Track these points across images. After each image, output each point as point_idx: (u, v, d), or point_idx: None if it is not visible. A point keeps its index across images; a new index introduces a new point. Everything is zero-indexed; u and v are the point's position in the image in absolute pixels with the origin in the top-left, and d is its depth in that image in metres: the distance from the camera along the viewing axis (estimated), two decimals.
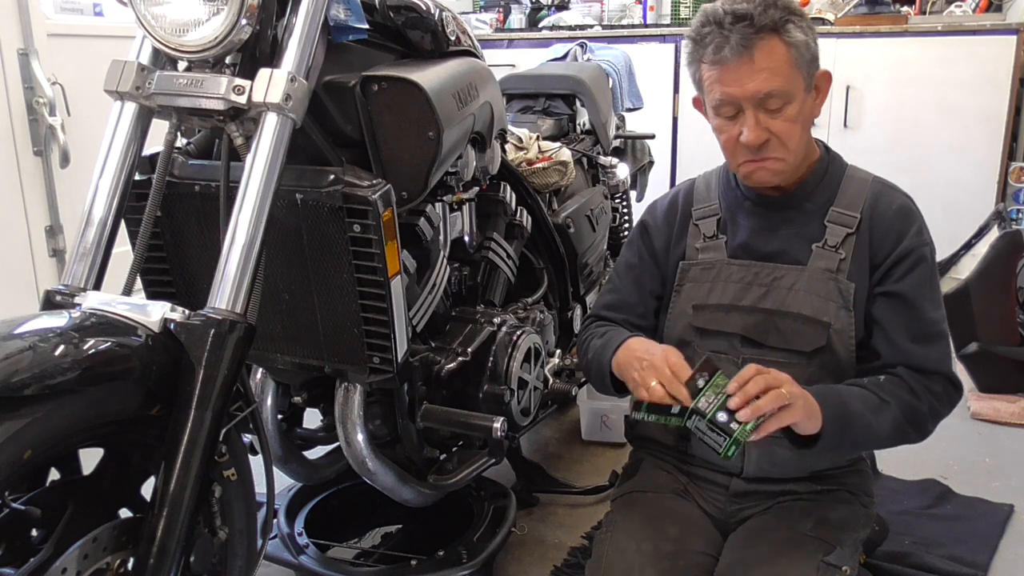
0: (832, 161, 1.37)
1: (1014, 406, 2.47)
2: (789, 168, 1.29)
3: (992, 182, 3.23)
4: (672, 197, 1.48)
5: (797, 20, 1.21)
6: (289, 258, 1.31)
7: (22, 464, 0.86)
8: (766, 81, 1.20)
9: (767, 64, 1.20)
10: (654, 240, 1.46)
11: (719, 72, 1.22)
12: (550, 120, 2.24)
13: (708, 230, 1.40)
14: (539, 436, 2.38)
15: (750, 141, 1.23)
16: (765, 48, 1.19)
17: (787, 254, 1.34)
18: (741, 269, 1.36)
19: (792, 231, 1.34)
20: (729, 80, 1.22)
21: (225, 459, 1.10)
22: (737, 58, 1.20)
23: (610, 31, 4.09)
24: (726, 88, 1.23)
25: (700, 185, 1.46)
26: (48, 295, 1.11)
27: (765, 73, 1.20)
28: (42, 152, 2.19)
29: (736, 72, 1.21)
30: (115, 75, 1.15)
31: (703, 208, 1.42)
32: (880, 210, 1.31)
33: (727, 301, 1.36)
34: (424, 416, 1.48)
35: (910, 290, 1.29)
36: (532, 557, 1.82)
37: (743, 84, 1.21)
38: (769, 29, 1.19)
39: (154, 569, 0.97)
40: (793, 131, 1.25)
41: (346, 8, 1.25)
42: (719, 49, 1.21)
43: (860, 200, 1.32)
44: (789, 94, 1.22)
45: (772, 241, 1.35)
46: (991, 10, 3.61)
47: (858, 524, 1.37)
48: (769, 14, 1.19)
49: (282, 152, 1.11)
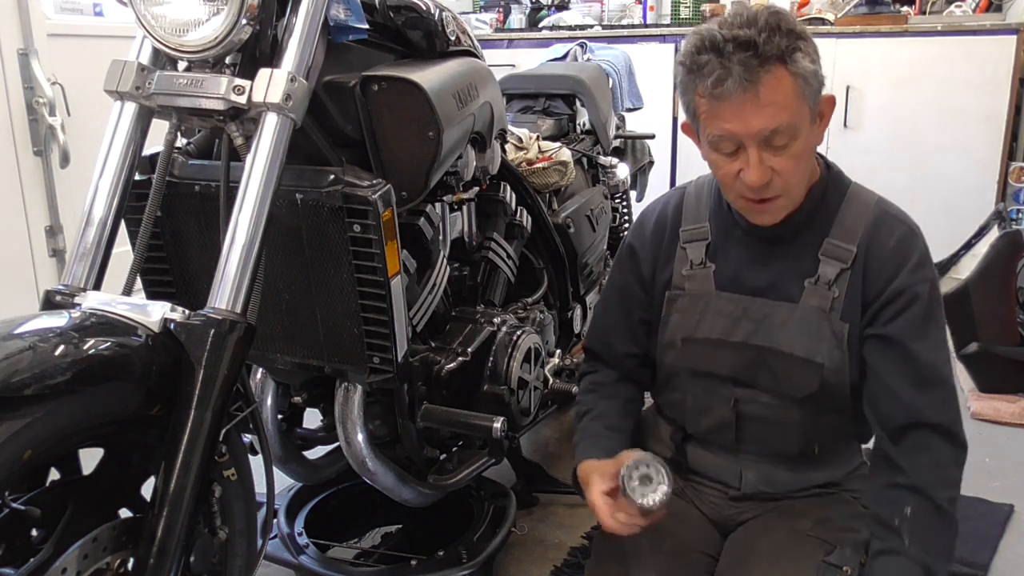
0: (832, 182, 1.26)
1: (1014, 406, 2.47)
2: (792, 205, 1.21)
3: (992, 182, 3.23)
4: (660, 214, 1.39)
5: (804, 46, 1.10)
6: (289, 258, 1.31)
7: (22, 464, 0.86)
8: (772, 118, 1.09)
9: (773, 99, 1.08)
10: (642, 265, 1.38)
11: (719, 107, 1.10)
12: (550, 120, 2.24)
13: (696, 256, 1.32)
14: (539, 436, 2.38)
15: (753, 182, 1.13)
16: (771, 81, 1.07)
17: (778, 289, 1.26)
18: (730, 303, 1.29)
19: (784, 265, 1.25)
20: (730, 116, 1.10)
21: (225, 459, 1.10)
22: (741, 93, 1.07)
23: (610, 31, 4.09)
24: (727, 125, 1.11)
25: (691, 198, 1.36)
26: (48, 295, 1.11)
27: (771, 109, 1.08)
28: (42, 152, 2.19)
29: (739, 108, 1.09)
30: (115, 75, 1.15)
31: (692, 230, 1.33)
32: (878, 244, 1.21)
33: (715, 336, 1.29)
34: (424, 416, 1.48)
35: (901, 332, 1.18)
36: (532, 557, 1.82)
37: (747, 121, 1.10)
38: (775, 59, 1.07)
39: (154, 569, 0.97)
40: (798, 168, 1.16)
41: (346, 8, 1.25)
42: (720, 82, 1.08)
43: (857, 231, 1.22)
44: (795, 129, 1.11)
45: (763, 274, 1.27)
46: (991, 10, 3.61)
47: (859, 525, 1.36)
48: (775, 42, 1.07)
49: (282, 152, 1.11)
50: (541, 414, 1.86)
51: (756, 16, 1.09)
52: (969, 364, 2.64)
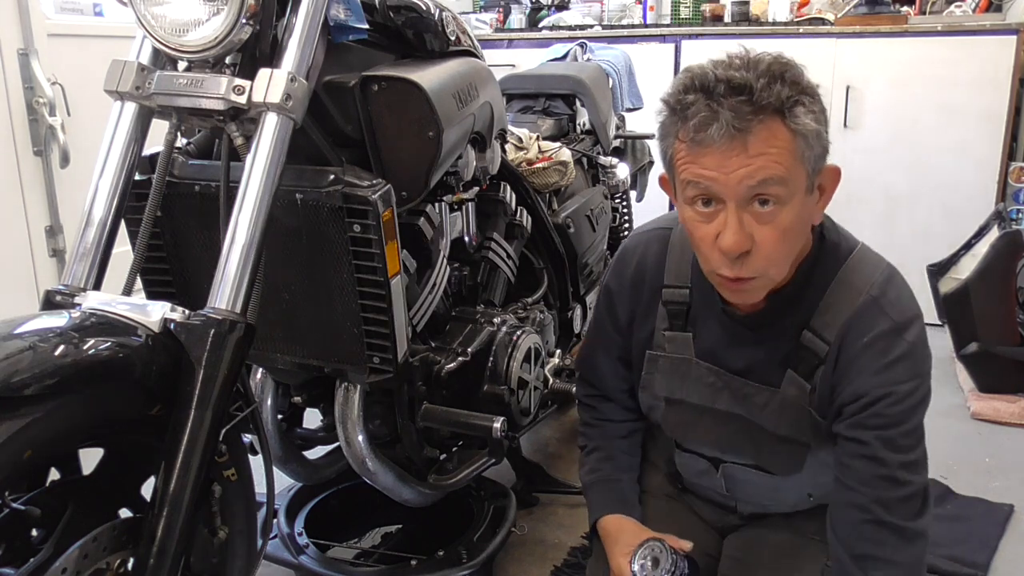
0: (825, 256, 1.11)
1: (1014, 406, 2.47)
2: (771, 286, 1.06)
3: (992, 182, 3.23)
4: (639, 262, 1.26)
5: (809, 103, 0.95)
6: (289, 258, 1.31)
7: (22, 464, 0.86)
8: (759, 170, 0.94)
9: (763, 151, 0.93)
10: (618, 311, 1.30)
11: (700, 153, 0.96)
12: (550, 120, 2.24)
13: (677, 319, 1.22)
14: (539, 436, 2.38)
15: (728, 247, 0.97)
16: (763, 132, 0.93)
17: (757, 373, 1.16)
18: (711, 373, 1.20)
19: (763, 351, 1.14)
20: (711, 164, 0.95)
21: (225, 459, 1.10)
22: (727, 141, 0.93)
23: (610, 31, 4.09)
24: (705, 172, 0.96)
25: (675, 248, 1.23)
26: (48, 295, 1.11)
27: (760, 160, 0.93)
28: (42, 152, 2.19)
29: (723, 157, 0.94)
30: (115, 75, 1.14)
31: (673, 290, 1.22)
32: (850, 341, 1.07)
33: (697, 401, 1.23)
34: (424, 416, 1.48)
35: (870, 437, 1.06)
36: (532, 557, 1.82)
37: (729, 172, 0.94)
38: (772, 110, 0.93)
39: (154, 569, 0.97)
40: (782, 244, 0.99)
41: (346, 8, 1.25)
42: (704, 125, 0.94)
43: (839, 321, 1.08)
44: (785, 192, 0.96)
45: (741, 358, 1.17)
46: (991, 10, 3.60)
47: None
48: (774, 90, 0.93)
49: (282, 152, 1.11)
50: (541, 414, 1.86)
51: (759, 60, 0.96)
52: (969, 364, 2.64)
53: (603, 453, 1.39)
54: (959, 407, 2.55)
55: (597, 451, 1.40)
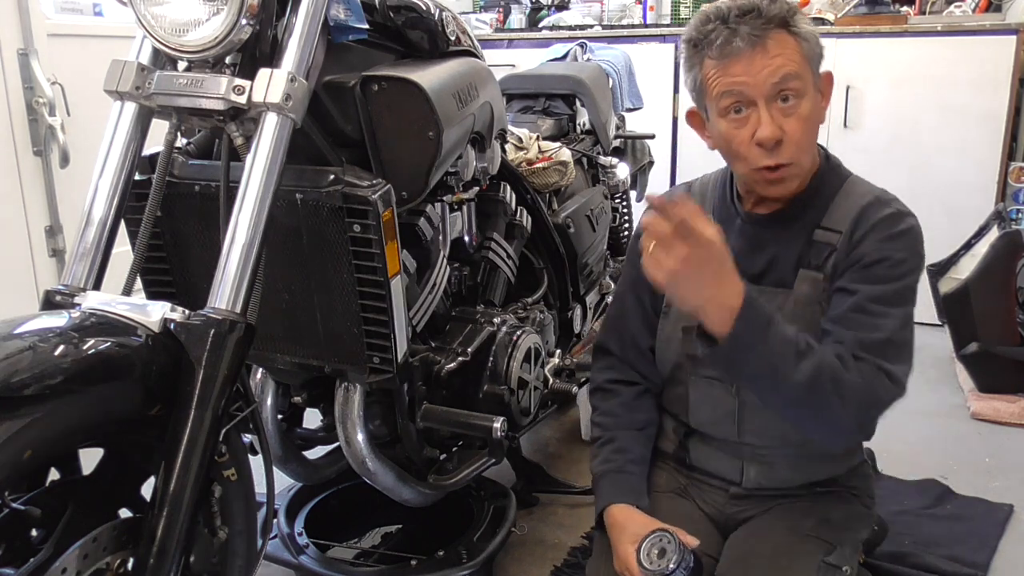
0: (830, 172, 1.29)
1: (1014, 406, 2.47)
2: (800, 177, 1.24)
3: (992, 182, 3.22)
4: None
5: (802, 16, 1.19)
6: (289, 258, 1.31)
7: (22, 464, 0.86)
8: (780, 68, 1.14)
9: (779, 51, 1.15)
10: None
11: (728, 64, 1.16)
12: (550, 120, 2.24)
13: None
14: (539, 436, 2.38)
15: (767, 137, 1.15)
16: (776, 37, 1.15)
17: (773, 274, 1.28)
18: None
19: (778, 250, 1.28)
20: (739, 71, 1.15)
21: (225, 459, 1.10)
22: (750, 49, 1.14)
23: (610, 31, 4.09)
24: (735, 79, 1.16)
25: (696, 193, 1.41)
26: (48, 295, 1.11)
27: (779, 59, 1.14)
28: (42, 152, 2.19)
29: (748, 63, 1.15)
30: (115, 75, 1.15)
31: None
32: (864, 219, 1.23)
33: None
34: (424, 416, 1.48)
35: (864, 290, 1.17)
36: (532, 557, 1.82)
37: (756, 73, 1.14)
38: (779, 20, 1.15)
39: (154, 569, 0.97)
40: (807, 131, 1.19)
41: (346, 8, 1.25)
42: (728, 42, 1.15)
43: (849, 215, 1.24)
44: (802, 84, 1.16)
45: (758, 261, 1.29)
46: (991, 10, 3.60)
47: (859, 524, 1.37)
48: (778, 5, 1.16)
49: (282, 152, 1.11)
50: (541, 414, 1.86)
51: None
52: (969, 364, 2.64)
53: (617, 445, 1.39)
54: (959, 407, 2.55)
55: (611, 443, 1.40)
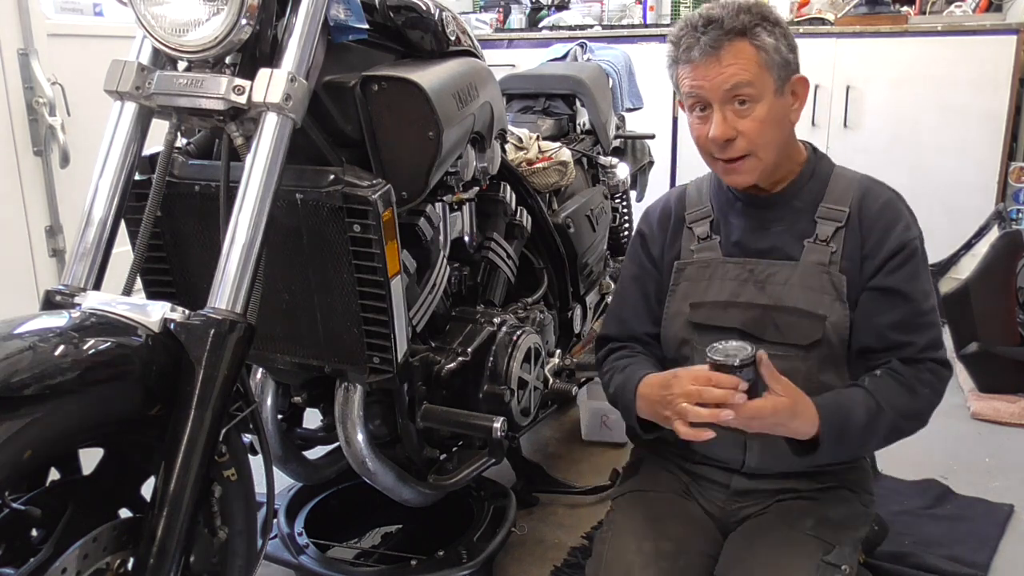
0: (819, 161, 1.39)
1: (1014, 406, 2.47)
2: (765, 168, 1.32)
3: (992, 182, 3.23)
4: (664, 203, 1.50)
5: (768, 27, 1.27)
6: (289, 258, 1.31)
7: (22, 464, 0.86)
8: (730, 77, 1.25)
9: (733, 62, 1.25)
10: (651, 247, 1.48)
11: (689, 69, 1.29)
12: (550, 120, 2.24)
13: (702, 232, 1.43)
14: (539, 436, 2.38)
15: (715, 136, 1.28)
16: (731, 49, 1.25)
17: (780, 250, 1.36)
18: (736, 267, 1.38)
19: (783, 228, 1.36)
20: (698, 76, 1.28)
21: (225, 459, 1.10)
22: (706, 57, 1.26)
23: (610, 31, 4.09)
24: (694, 83, 1.28)
25: (692, 191, 1.48)
26: (48, 295, 1.11)
27: (731, 69, 1.25)
28: (42, 152, 2.19)
29: (704, 69, 1.27)
30: (115, 75, 1.15)
31: (695, 211, 1.44)
32: (867, 204, 1.34)
33: (724, 298, 1.37)
34: (424, 416, 1.48)
35: (903, 283, 1.30)
36: (532, 557, 1.82)
37: (711, 79, 1.26)
38: (737, 32, 1.25)
39: (154, 569, 0.97)
40: (762, 131, 1.28)
41: (346, 8, 1.25)
42: (689, 49, 1.28)
43: (848, 196, 1.35)
44: (756, 92, 1.26)
45: (764, 239, 1.37)
46: (991, 10, 3.60)
47: (858, 523, 1.37)
48: (740, 19, 1.25)
49: (282, 152, 1.11)
50: (541, 414, 1.86)
51: (734, 2, 1.28)
52: (969, 364, 2.64)
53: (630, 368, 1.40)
54: (959, 407, 2.55)
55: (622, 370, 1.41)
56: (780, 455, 1.36)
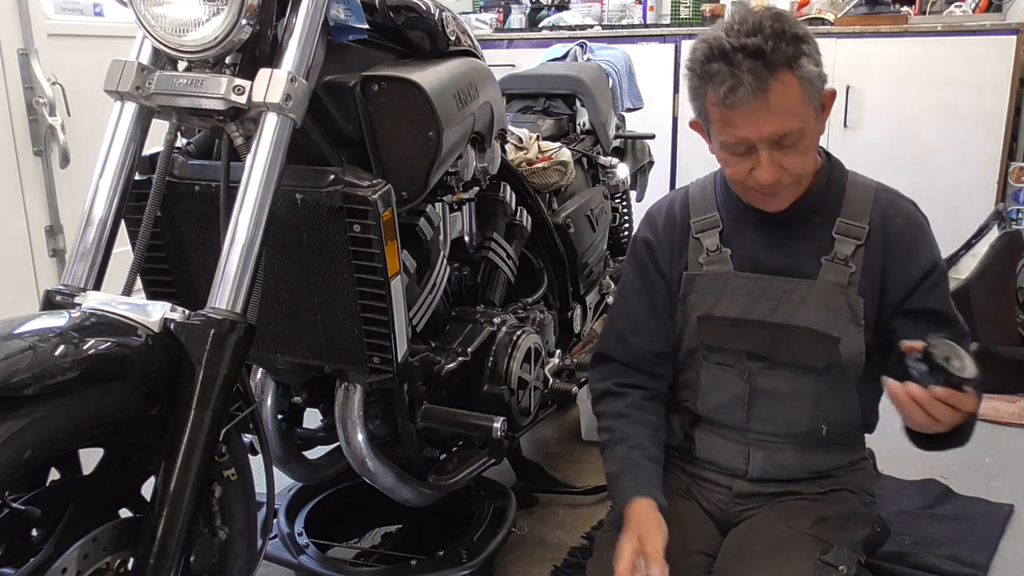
0: (833, 168, 1.33)
1: (1014, 406, 2.47)
2: (801, 190, 1.26)
3: (992, 182, 3.23)
4: (668, 209, 1.42)
5: (807, 49, 1.15)
6: (289, 258, 1.31)
7: (22, 464, 0.86)
8: (782, 124, 1.15)
9: (783, 105, 1.14)
10: (658, 259, 1.40)
11: (732, 114, 1.16)
12: (550, 120, 2.24)
13: (711, 244, 1.35)
14: (539, 436, 2.38)
15: (766, 181, 1.19)
16: (779, 88, 1.13)
17: (796, 268, 1.30)
18: (749, 282, 1.32)
19: (801, 245, 1.30)
20: (743, 123, 1.16)
21: (225, 459, 1.10)
22: (752, 100, 1.13)
23: (610, 31, 4.09)
24: (740, 132, 1.17)
25: (695, 194, 1.40)
26: (48, 295, 1.11)
27: (781, 115, 1.14)
28: (42, 152, 2.19)
29: (751, 115, 1.14)
30: (115, 75, 1.15)
31: (702, 220, 1.37)
32: (889, 219, 1.28)
33: (734, 314, 1.32)
34: (424, 416, 1.48)
35: (939, 304, 1.29)
36: (532, 557, 1.82)
37: (759, 127, 1.15)
38: (783, 66, 1.12)
39: (154, 569, 0.97)
40: (805, 161, 1.22)
41: (346, 8, 1.25)
42: (732, 91, 1.13)
43: (866, 209, 1.29)
44: (802, 130, 1.17)
45: (780, 256, 1.31)
46: (991, 10, 3.61)
47: (858, 524, 1.37)
48: (782, 49, 1.12)
49: (282, 152, 1.11)
50: (541, 414, 1.86)
51: (761, 23, 1.13)
52: None
53: (633, 442, 1.34)
54: None
55: (625, 441, 1.35)
56: (783, 465, 1.36)
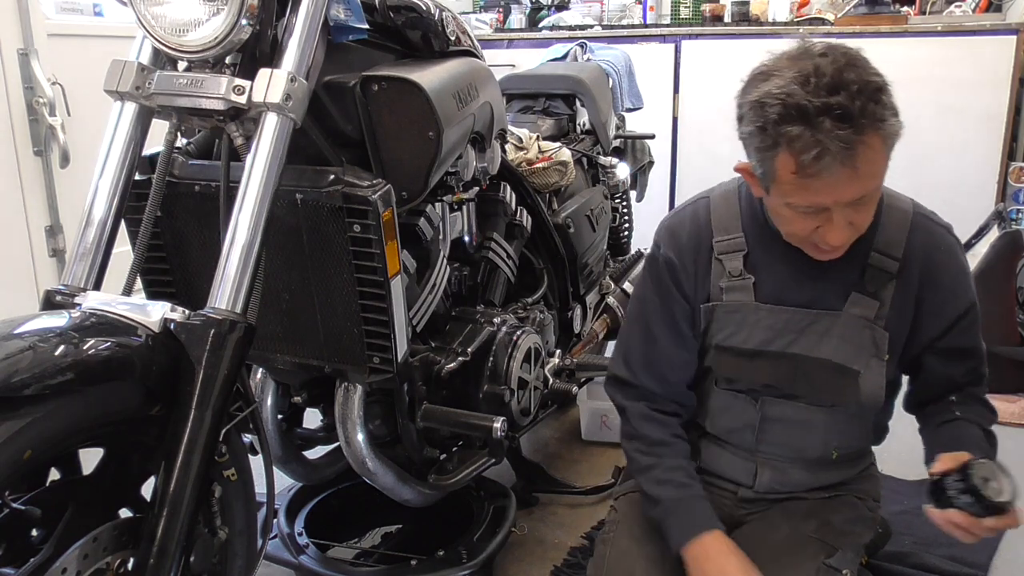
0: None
1: (1014, 406, 2.47)
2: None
3: (992, 182, 3.23)
4: (692, 223, 1.31)
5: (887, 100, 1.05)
6: (289, 258, 1.31)
7: (22, 464, 0.86)
8: (865, 187, 1.06)
9: (869, 169, 1.04)
10: (683, 281, 1.31)
11: (811, 182, 1.04)
12: (550, 120, 2.24)
13: (734, 268, 1.27)
14: (539, 436, 2.38)
15: (837, 243, 1.11)
16: (866, 152, 1.02)
17: (822, 301, 1.24)
18: (771, 315, 1.25)
19: (830, 279, 1.23)
20: (824, 190, 1.04)
21: (225, 459, 1.10)
22: (839, 167, 1.01)
23: (610, 31, 4.09)
24: (818, 198, 1.06)
25: (719, 207, 1.30)
26: (48, 295, 1.11)
27: (866, 179, 1.04)
28: (42, 152, 2.19)
29: (833, 183, 1.03)
30: (115, 75, 1.15)
31: (726, 241, 1.28)
32: (928, 252, 1.21)
33: (752, 346, 1.27)
34: (424, 416, 1.48)
35: (973, 341, 1.28)
36: (532, 557, 1.82)
37: (840, 194, 1.05)
38: (871, 129, 1.02)
39: (154, 569, 0.97)
40: (872, 213, 1.13)
41: (346, 8, 1.25)
42: (817, 160, 1.01)
43: (902, 238, 1.21)
44: (880, 186, 1.10)
45: (807, 290, 1.24)
46: (991, 10, 3.61)
47: (862, 527, 1.37)
48: (870, 110, 1.01)
49: (282, 152, 1.11)
50: (541, 414, 1.86)
51: (842, 76, 1.01)
52: None
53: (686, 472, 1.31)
54: None
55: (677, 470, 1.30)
56: (789, 481, 1.36)
